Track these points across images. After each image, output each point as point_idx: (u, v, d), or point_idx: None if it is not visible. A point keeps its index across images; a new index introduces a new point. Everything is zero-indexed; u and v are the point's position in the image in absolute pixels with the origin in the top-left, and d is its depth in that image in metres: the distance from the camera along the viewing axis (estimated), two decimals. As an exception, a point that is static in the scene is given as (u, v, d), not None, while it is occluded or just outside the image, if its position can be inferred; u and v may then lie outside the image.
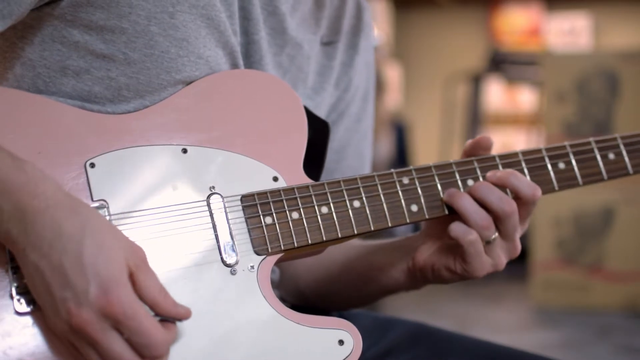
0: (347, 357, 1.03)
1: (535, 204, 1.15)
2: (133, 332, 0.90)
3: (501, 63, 6.81)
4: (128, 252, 0.92)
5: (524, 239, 1.18)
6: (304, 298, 1.33)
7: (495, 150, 1.18)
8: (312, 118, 1.14)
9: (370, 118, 1.39)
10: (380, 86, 5.43)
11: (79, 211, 0.93)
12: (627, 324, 4.39)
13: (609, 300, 4.63)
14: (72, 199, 0.94)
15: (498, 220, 1.13)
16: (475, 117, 6.97)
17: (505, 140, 8.18)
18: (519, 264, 5.19)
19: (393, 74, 7.04)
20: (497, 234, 1.13)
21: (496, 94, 8.52)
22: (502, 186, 1.13)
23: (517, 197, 1.13)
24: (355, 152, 1.35)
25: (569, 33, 8.81)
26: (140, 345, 0.91)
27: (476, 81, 7.06)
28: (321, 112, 1.26)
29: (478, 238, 1.12)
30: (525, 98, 8.37)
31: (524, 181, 1.13)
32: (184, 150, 1.06)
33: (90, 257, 0.90)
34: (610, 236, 4.68)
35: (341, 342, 1.03)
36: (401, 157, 6.63)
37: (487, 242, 1.13)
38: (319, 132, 1.17)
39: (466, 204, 1.12)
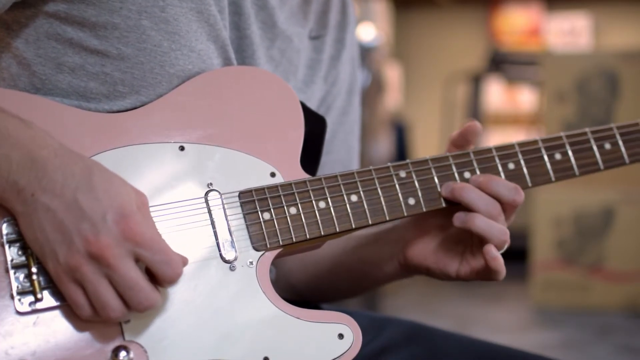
0: (346, 350, 1.03)
1: (518, 207, 1.14)
2: (154, 251, 0.94)
3: (501, 63, 6.81)
4: (133, 193, 0.97)
5: (524, 239, 1.17)
6: (297, 292, 1.34)
7: (495, 149, 1.19)
8: (308, 113, 1.14)
9: (356, 112, 1.40)
10: (380, 86, 5.43)
11: (84, 158, 0.98)
12: (627, 324, 4.39)
13: (609, 300, 4.63)
14: (76, 152, 0.98)
15: (505, 211, 1.13)
16: (475, 117, 6.96)
17: (505, 141, 8.17)
18: (519, 264, 5.20)
19: (393, 74, 7.04)
20: None
21: (496, 94, 8.52)
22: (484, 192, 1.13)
23: (499, 201, 1.13)
24: (343, 145, 1.36)
25: (569, 33, 8.81)
26: (162, 262, 0.95)
27: (476, 81, 7.07)
28: (312, 105, 1.27)
29: (485, 218, 1.11)
30: (525, 98, 8.37)
31: (503, 186, 1.13)
32: (182, 148, 1.07)
33: (102, 189, 0.94)
34: (610, 236, 4.68)
35: (341, 336, 1.04)
36: (401, 157, 6.63)
37: None
38: (315, 127, 1.17)
39: (472, 195, 1.12)
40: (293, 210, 1.08)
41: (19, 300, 0.95)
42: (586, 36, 8.77)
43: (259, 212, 1.06)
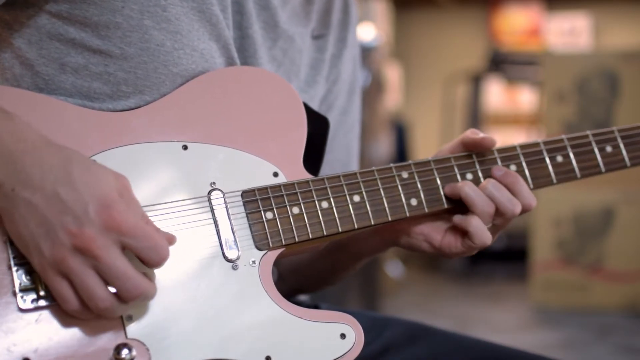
0: (348, 350, 1.04)
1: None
2: (139, 238, 0.93)
3: (501, 63, 6.82)
4: (113, 178, 0.95)
5: (524, 239, 1.18)
6: (279, 278, 1.32)
7: (496, 149, 1.19)
8: (311, 114, 1.15)
9: (356, 112, 1.40)
10: (380, 86, 5.43)
11: (62, 149, 0.96)
12: (627, 324, 4.40)
13: (609, 300, 4.64)
14: (55, 143, 0.97)
15: (502, 217, 1.14)
16: (475, 117, 6.98)
17: (505, 140, 8.13)
18: (519, 264, 5.21)
19: (393, 74, 7.04)
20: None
21: (496, 94, 8.53)
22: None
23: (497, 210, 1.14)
24: (342, 145, 1.36)
25: (569, 33, 8.82)
26: (148, 248, 0.93)
27: (476, 81, 7.07)
28: (314, 105, 1.27)
29: (480, 221, 1.13)
30: (525, 98, 8.38)
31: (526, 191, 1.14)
32: (185, 147, 1.07)
33: (82, 181, 0.93)
34: (610, 236, 4.69)
35: (343, 336, 1.04)
36: (401, 157, 6.64)
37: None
38: (318, 127, 1.18)
39: (470, 192, 1.13)
40: (296, 210, 1.08)
41: (22, 297, 0.95)
42: (586, 36, 8.77)
43: (262, 212, 1.07)
